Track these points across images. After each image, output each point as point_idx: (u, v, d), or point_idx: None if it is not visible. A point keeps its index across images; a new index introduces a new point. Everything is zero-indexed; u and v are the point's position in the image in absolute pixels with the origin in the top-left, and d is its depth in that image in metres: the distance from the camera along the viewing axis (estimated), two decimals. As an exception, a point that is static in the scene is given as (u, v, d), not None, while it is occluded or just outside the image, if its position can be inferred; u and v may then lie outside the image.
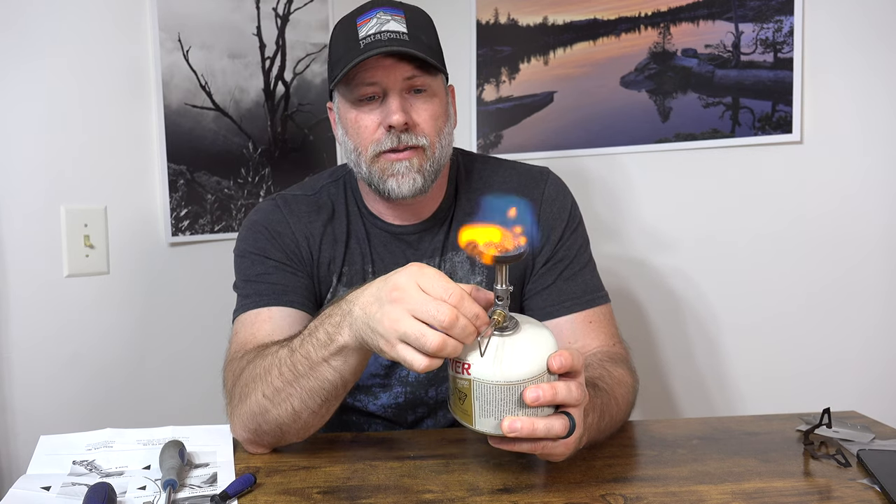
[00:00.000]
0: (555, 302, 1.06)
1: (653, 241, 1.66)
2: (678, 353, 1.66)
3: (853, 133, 1.45)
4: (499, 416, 0.72)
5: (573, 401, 0.72)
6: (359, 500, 0.77)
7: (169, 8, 1.45)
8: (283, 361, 0.84)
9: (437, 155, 1.01)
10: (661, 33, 1.61)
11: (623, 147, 1.66)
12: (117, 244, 1.38)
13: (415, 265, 0.73)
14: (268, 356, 0.87)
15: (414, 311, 0.69)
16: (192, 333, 1.52)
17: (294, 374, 0.83)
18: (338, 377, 0.81)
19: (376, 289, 0.75)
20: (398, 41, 0.96)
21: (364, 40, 0.97)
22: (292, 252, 1.06)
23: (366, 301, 0.75)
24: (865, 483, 0.79)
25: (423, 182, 1.00)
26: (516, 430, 0.71)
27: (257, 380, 0.86)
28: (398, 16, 0.99)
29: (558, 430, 0.72)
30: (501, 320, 0.72)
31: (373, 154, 1.00)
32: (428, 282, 0.71)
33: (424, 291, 0.70)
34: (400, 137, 0.98)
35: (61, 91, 1.29)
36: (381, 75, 0.97)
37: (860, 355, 1.48)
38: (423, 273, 0.72)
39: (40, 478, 0.83)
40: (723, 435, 0.96)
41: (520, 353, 0.71)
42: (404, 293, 0.70)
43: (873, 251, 1.45)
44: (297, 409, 0.84)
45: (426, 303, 0.69)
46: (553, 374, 0.73)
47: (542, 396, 0.70)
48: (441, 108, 1.02)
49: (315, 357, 0.81)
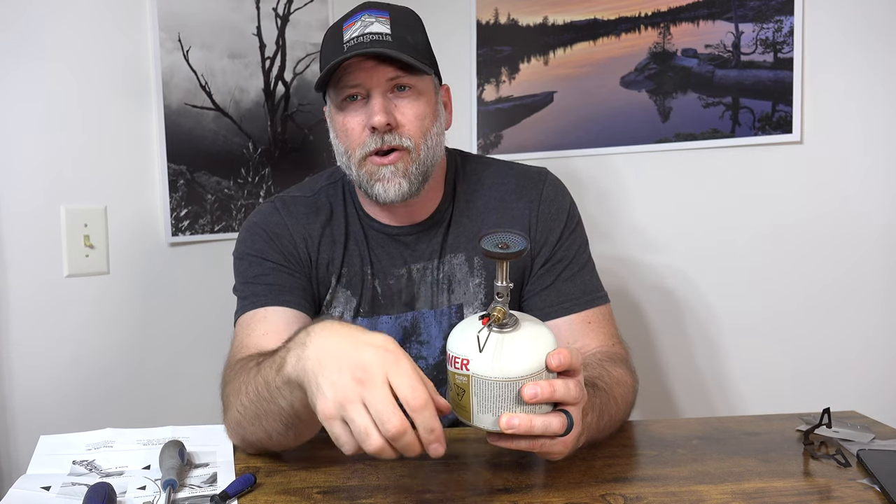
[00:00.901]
0: (554, 302, 1.06)
1: (652, 242, 1.66)
2: (678, 354, 1.66)
3: (853, 133, 1.45)
4: (496, 413, 0.72)
5: (571, 399, 0.72)
6: (359, 500, 0.77)
7: (169, 8, 1.45)
8: (250, 380, 0.82)
9: (424, 156, 1.01)
10: (661, 33, 1.61)
11: (623, 147, 1.66)
12: (117, 244, 1.38)
13: (392, 347, 0.68)
14: (243, 372, 0.85)
15: (368, 404, 0.65)
16: (192, 333, 1.52)
17: (258, 396, 0.80)
18: (289, 407, 0.77)
19: (340, 347, 0.69)
20: (380, 42, 0.96)
21: (347, 43, 0.97)
22: (290, 254, 1.06)
23: (325, 352, 0.69)
24: (865, 483, 0.79)
25: (409, 186, 1.00)
26: (514, 427, 0.71)
27: (234, 395, 0.86)
28: (383, 17, 0.99)
29: (556, 428, 0.72)
30: (501, 317, 0.72)
31: (360, 157, 1.00)
32: (397, 377, 0.65)
33: (390, 385, 0.65)
34: (384, 138, 0.98)
35: (61, 91, 1.29)
36: (363, 77, 0.98)
37: (860, 355, 1.48)
38: (397, 365, 0.66)
39: (40, 478, 0.83)
40: (723, 435, 0.96)
41: (518, 349, 0.72)
42: (369, 379, 0.65)
43: (873, 251, 1.45)
44: (267, 429, 0.83)
45: (384, 406, 0.64)
46: (552, 371, 0.73)
47: (540, 394, 0.70)
48: (427, 108, 1.01)
49: (270, 381, 0.77)
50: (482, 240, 0.73)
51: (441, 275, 1.08)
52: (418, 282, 1.08)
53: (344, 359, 0.67)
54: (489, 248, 0.72)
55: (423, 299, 1.08)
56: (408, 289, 1.08)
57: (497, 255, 0.71)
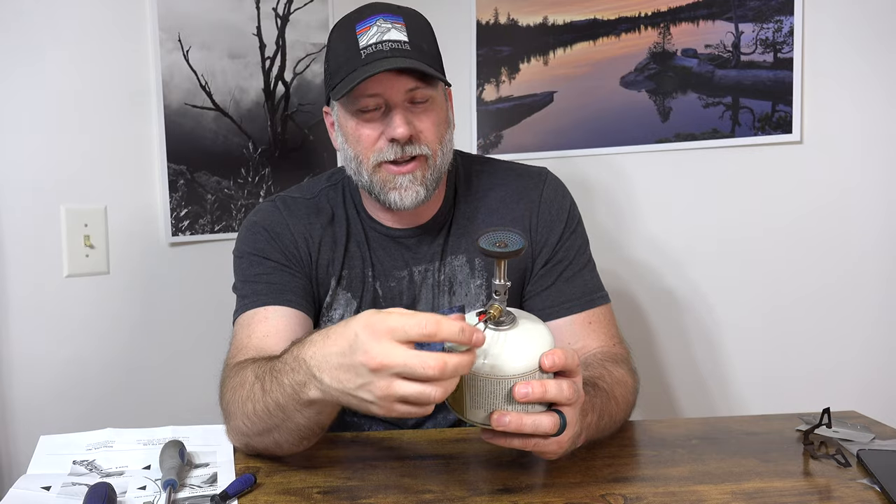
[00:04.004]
0: (555, 303, 1.06)
1: (652, 242, 1.66)
2: (678, 353, 1.66)
3: (852, 133, 1.45)
4: (489, 409, 0.72)
5: (564, 399, 0.72)
6: (359, 500, 0.77)
7: (169, 8, 1.45)
8: (256, 399, 0.81)
9: (440, 162, 1.01)
10: (661, 33, 1.61)
11: (623, 147, 1.66)
12: (117, 244, 1.38)
13: (372, 320, 0.67)
14: (245, 385, 0.84)
15: (400, 373, 0.66)
16: (192, 333, 1.52)
17: (268, 414, 0.81)
18: (313, 422, 0.80)
19: (341, 355, 0.69)
20: (400, 51, 0.95)
21: (365, 50, 0.95)
22: (291, 253, 1.06)
23: (334, 369, 0.69)
24: (865, 483, 0.79)
25: (425, 193, 1.00)
26: (504, 425, 0.71)
27: (238, 407, 0.85)
28: (398, 23, 0.97)
29: (547, 428, 0.72)
30: (497, 314, 0.72)
31: (374, 164, 0.99)
32: (398, 332, 0.66)
33: (398, 341, 0.66)
34: (403, 149, 0.98)
35: (61, 91, 1.29)
36: (384, 87, 0.96)
37: (860, 355, 1.48)
38: (388, 327, 0.66)
39: (40, 478, 0.83)
40: (723, 435, 0.96)
41: (512, 348, 0.72)
42: (385, 356, 0.65)
43: (873, 250, 1.45)
44: (278, 441, 0.84)
45: (410, 360, 0.65)
46: (547, 372, 0.73)
47: (531, 393, 0.71)
48: (442, 116, 1.02)
49: (285, 405, 0.78)
50: (480, 238, 0.73)
51: (442, 277, 1.08)
52: (420, 284, 1.08)
53: (350, 361, 0.68)
54: (487, 246, 0.72)
55: (425, 301, 1.08)
56: (409, 291, 1.08)
57: (494, 254, 0.72)
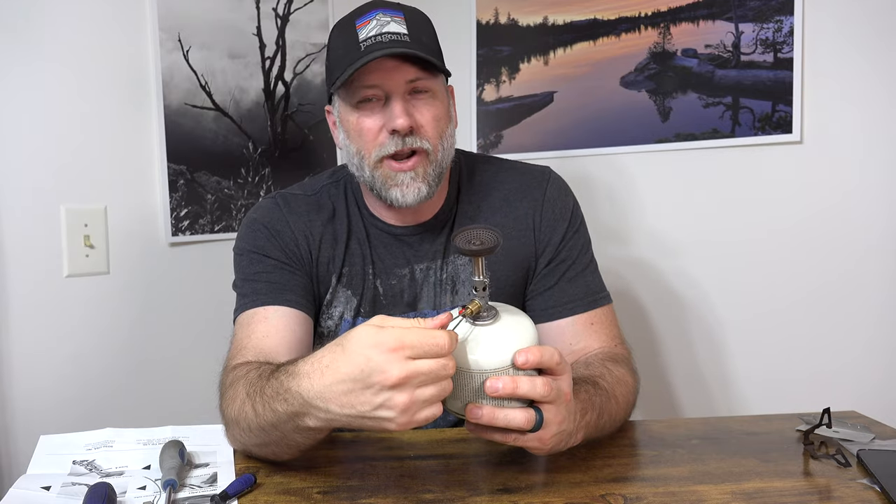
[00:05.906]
0: (557, 303, 1.06)
1: (652, 241, 1.66)
2: (678, 353, 1.66)
3: (853, 133, 1.45)
4: (465, 401, 0.74)
5: (537, 396, 0.73)
6: (359, 500, 0.77)
7: (169, 8, 1.45)
8: (249, 419, 0.81)
9: (441, 158, 1.01)
10: (661, 33, 1.61)
11: (623, 147, 1.66)
12: (117, 244, 1.38)
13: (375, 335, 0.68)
14: (237, 401, 0.84)
15: (418, 378, 0.67)
16: (192, 333, 1.52)
17: (263, 432, 0.81)
18: (311, 439, 0.81)
19: (351, 381, 0.69)
20: (400, 42, 0.95)
21: (364, 42, 0.96)
22: (291, 251, 1.05)
23: (343, 396, 0.69)
24: (865, 483, 0.79)
25: (427, 190, 1.00)
26: (477, 417, 0.73)
27: (233, 420, 0.85)
28: (398, 17, 0.98)
29: (519, 423, 0.73)
30: (475, 310, 0.74)
31: (376, 159, 0.99)
32: (407, 345, 0.67)
33: (410, 346, 0.67)
34: (404, 140, 0.97)
35: (61, 91, 1.29)
36: (383, 78, 0.96)
37: (860, 355, 1.47)
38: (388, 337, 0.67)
39: (40, 478, 0.83)
40: (723, 435, 0.96)
41: (488, 343, 0.73)
42: (408, 370, 0.67)
43: (874, 250, 1.45)
44: (276, 452, 0.85)
45: (434, 369, 0.67)
46: (520, 369, 0.73)
47: (501, 389, 0.72)
48: (443, 110, 1.01)
49: (281, 427, 0.78)
50: (456, 237, 0.74)
51: (444, 275, 1.08)
52: (421, 282, 1.08)
53: (364, 381, 0.68)
54: (462, 245, 0.73)
55: (426, 300, 1.08)
56: (410, 289, 1.08)
57: (470, 252, 0.73)
